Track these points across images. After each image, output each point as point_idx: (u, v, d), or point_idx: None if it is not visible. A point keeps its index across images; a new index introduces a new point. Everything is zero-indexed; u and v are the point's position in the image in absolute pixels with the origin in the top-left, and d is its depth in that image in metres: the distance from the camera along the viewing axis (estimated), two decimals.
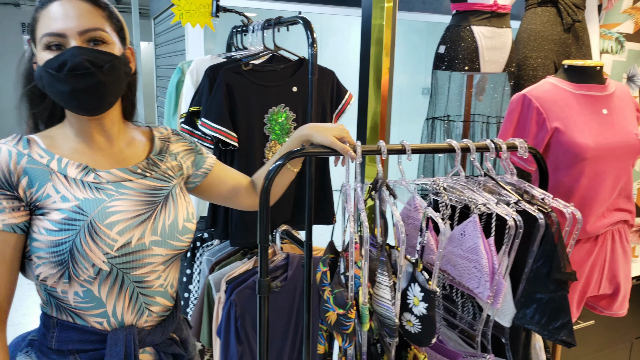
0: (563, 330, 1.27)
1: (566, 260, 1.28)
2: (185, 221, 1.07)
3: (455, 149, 1.32)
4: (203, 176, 1.21)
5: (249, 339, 1.58)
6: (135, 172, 1.04)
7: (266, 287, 1.17)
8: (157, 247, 1.01)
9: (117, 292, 0.98)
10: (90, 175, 0.97)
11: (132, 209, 0.99)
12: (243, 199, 1.26)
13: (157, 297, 1.04)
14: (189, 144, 1.21)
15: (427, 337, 1.16)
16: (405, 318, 1.18)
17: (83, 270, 0.93)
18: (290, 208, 1.70)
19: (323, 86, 1.66)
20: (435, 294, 1.13)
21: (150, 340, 1.04)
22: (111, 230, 0.94)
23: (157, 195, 1.05)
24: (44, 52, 0.93)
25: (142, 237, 0.99)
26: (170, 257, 1.05)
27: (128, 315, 1.00)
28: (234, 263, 1.67)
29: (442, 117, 2.06)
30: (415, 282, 1.16)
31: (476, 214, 1.29)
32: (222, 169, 1.26)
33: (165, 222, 1.03)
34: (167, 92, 2.01)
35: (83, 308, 0.97)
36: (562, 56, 2.07)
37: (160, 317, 1.07)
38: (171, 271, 1.07)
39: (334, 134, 1.15)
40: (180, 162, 1.16)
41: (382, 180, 1.25)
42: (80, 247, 0.91)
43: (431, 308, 1.13)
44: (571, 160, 1.55)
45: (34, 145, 0.96)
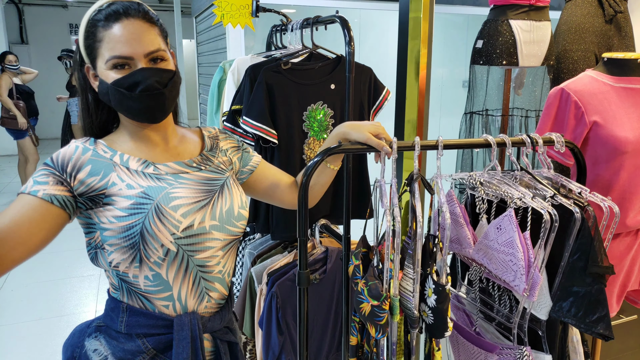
0: (600, 323, 1.27)
1: (603, 253, 1.28)
2: (240, 208, 1.16)
3: (491, 144, 1.34)
4: (249, 173, 1.30)
5: (289, 330, 1.64)
6: (191, 165, 1.14)
7: (306, 279, 1.23)
8: (216, 232, 1.10)
9: (182, 275, 1.07)
10: (150, 168, 1.08)
11: (192, 196, 1.09)
12: (286, 196, 1.34)
13: (216, 283, 1.13)
14: (236, 142, 1.30)
15: (439, 330, 1.20)
16: (422, 308, 1.22)
17: (153, 252, 1.02)
18: (329, 203, 1.75)
19: (360, 83, 1.70)
20: (444, 287, 1.16)
21: (210, 327, 1.12)
22: (176, 212, 1.04)
23: (214, 184, 1.14)
24: (111, 71, 1.03)
25: (203, 221, 1.08)
26: (228, 242, 1.13)
27: (191, 300, 1.09)
28: (275, 256, 1.74)
29: (480, 111, 2.07)
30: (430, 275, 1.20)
31: (512, 208, 1.30)
32: (267, 167, 1.34)
33: (223, 208, 1.12)
34: (210, 90, 2.09)
35: (152, 292, 1.06)
36: (604, 48, 2.03)
37: (218, 305, 1.16)
38: (229, 258, 1.16)
39: (369, 131, 1.20)
40: (230, 157, 1.25)
41: (417, 176, 1.29)
42: (150, 228, 1.01)
43: (440, 301, 1.16)
44: (610, 154, 1.54)
45: (99, 144, 1.08)
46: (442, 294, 1.15)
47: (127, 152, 1.09)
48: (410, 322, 1.22)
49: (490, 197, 1.43)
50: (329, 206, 1.75)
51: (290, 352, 1.68)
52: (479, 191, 1.43)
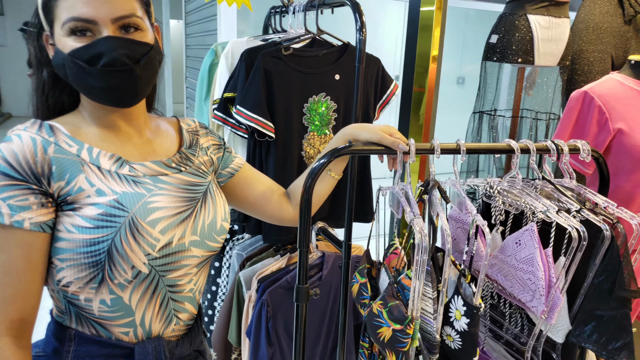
0: (624, 350, 1.17)
1: (631, 275, 1.17)
2: (223, 220, 1.00)
3: (515, 150, 1.22)
4: (228, 177, 1.12)
5: (280, 341, 1.51)
6: (170, 165, 0.96)
7: (305, 294, 1.10)
8: (195, 248, 0.94)
9: (148, 298, 0.90)
10: (125, 168, 0.89)
11: (173, 206, 0.91)
12: (274, 209, 1.16)
13: (186, 302, 0.97)
14: (217, 139, 1.13)
15: (467, 355, 1.08)
16: (445, 332, 1.09)
17: (120, 273, 0.85)
18: (327, 204, 1.61)
19: (368, 75, 1.56)
20: (479, 310, 1.04)
21: (178, 353, 0.96)
22: (154, 229, 0.87)
23: (196, 191, 0.97)
24: (68, 38, 0.83)
25: (183, 237, 0.91)
26: (205, 258, 0.98)
27: (156, 324, 0.93)
28: (266, 260, 1.60)
29: (489, 111, 1.94)
30: (459, 294, 1.07)
31: (534, 223, 1.19)
32: (251, 172, 1.16)
33: (205, 220, 0.96)
34: (199, 75, 1.93)
35: (108, 318, 0.89)
36: (621, 50, 1.92)
37: (186, 326, 1.00)
38: (202, 275, 1.00)
39: (382, 129, 1.06)
40: (211, 156, 1.08)
41: (434, 182, 1.16)
42: (121, 246, 0.83)
43: (473, 325, 1.04)
44: (634, 164, 1.43)
45: (58, 132, 0.87)
46: (475, 317, 1.03)
47: (96, 145, 0.89)
48: (429, 347, 1.10)
49: (507, 207, 1.31)
50: (327, 208, 1.62)
51: None
52: (496, 200, 1.31)
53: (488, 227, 1.38)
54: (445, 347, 1.11)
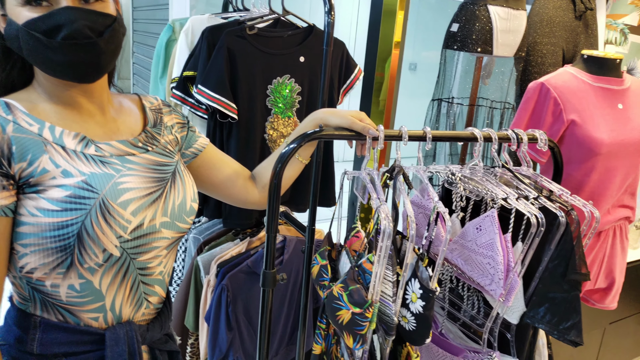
0: (573, 330, 1.23)
1: (582, 260, 1.23)
2: (192, 201, 0.97)
3: (478, 139, 1.24)
4: (192, 157, 1.08)
5: (239, 326, 1.49)
6: (137, 145, 0.92)
7: (272, 279, 1.08)
8: (166, 230, 0.91)
9: (119, 281, 0.86)
10: (91, 147, 0.84)
11: (143, 186, 0.87)
12: (239, 192, 1.13)
13: (156, 285, 0.94)
14: (181, 117, 1.08)
15: (420, 337, 1.10)
16: (401, 314, 1.11)
17: (91, 257, 0.81)
18: (289, 189, 1.59)
19: (333, 59, 1.54)
20: (435, 294, 1.06)
21: (150, 337, 0.94)
22: (125, 210, 0.83)
23: (164, 171, 0.93)
24: (23, 8, 0.77)
25: (154, 219, 0.88)
26: (175, 240, 0.95)
27: (126, 308, 0.89)
28: (225, 244, 1.57)
29: (447, 98, 1.98)
30: (416, 277, 1.09)
31: (495, 209, 1.22)
32: (215, 153, 1.12)
33: (175, 201, 0.93)
34: (155, 51, 1.85)
35: (77, 303, 0.84)
36: (571, 44, 2.00)
37: (156, 310, 0.97)
38: (171, 257, 0.97)
39: (352, 115, 1.05)
40: (175, 135, 1.03)
41: (399, 168, 1.17)
42: (92, 229, 0.79)
43: (428, 307, 1.06)
44: (585, 154, 1.50)
45: (15, 110, 0.80)
46: (430, 301, 1.05)
47: (57, 123, 0.83)
48: (387, 328, 1.11)
49: (468, 194, 1.34)
50: (288, 192, 1.60)
51: (239, 349, 1.53)
52: (457, 187, 1.34)
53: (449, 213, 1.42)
54: (400, 328, 1.13)
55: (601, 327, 2.52)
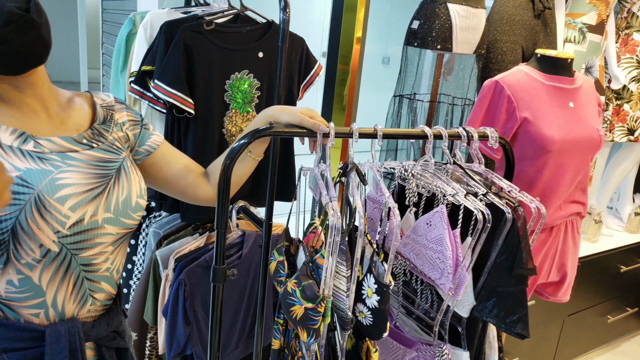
0: (519, 323, 1.27)
1: (529, 255, 1.27)
2: (138, 197, 0.97)
3: (428, 136, 1.27)
4: (145, 154, 1.08)
5: (197, 320, 1.50)
6: (81, 142, 0.91)
7: (222, 275, 1.09)
8: (109, 225, 0.91)
9: (60, 277, 0.86)
10: (30, 144, 0.84)
11: (84, 182, 0.87)
12: (192, 189, 1.13)
13: (103, 282, 0.94)
14: (135, 115, 1.08)
15: (378, 331, 1.13)
16: (358, 309, 1.14)
17: (27, 252, 0.81)
18: (249, 183, 1.60)
19: (292, 54, 1.55)
20: (389, 288, 1.09)
21: (95, 334, 0.93)
22: (63, 205, 0.83)
23: (108, 167, 0.93)
24: None
25: (95, 214, 0.88)
26: (121, 236, 0.95)
27: (70, 305, 0.89)
28: (184, 239, 1.57)
29: (408, 95, 2.00)
30: (371, 273, 1.11)
31: (444, 205, 1.25)
32: (169, 150, 1.12)
33: (119, 197, 0.93)
34: (116, 45, 1.83)
35: (17, 299, 0.84)
36: (530, 42, 2.04)
37: (104, 307, 0.97)
38: (119, 254, 0.97)
39: (302, 112, 1.07)
40: (127, 133, 1.03)
41: (352, 165, 1.19)
42: (26, 224, 0.79)
43: (384, 302, 1.09)
44: (536, 151, 1.54)
45: None
46: (385, 295, 1.07)
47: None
48: (342, 323, 1.13)
49: (420, 190, 1.37)
50: (248, 187, 1.61)
51: (197, 343, 1.54)
52: (410, 183, 1.36)
53: (403, 208, 1.44)
54: (358, 323, 1.15)
55: (560, 319, 2.59)
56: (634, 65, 2.52)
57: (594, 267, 2.58)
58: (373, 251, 1.15)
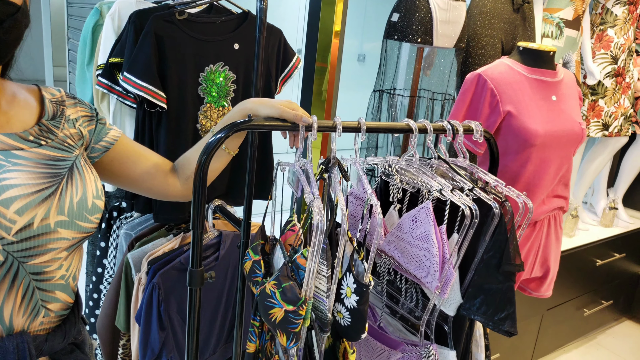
0: (507, 320, 1.24)
1: (516, 251, 1.24)
2: (95, 198, 0.89)
3: (413, 130, 1.22)
4: (103, 151, 0.99)
5: (173, 325, 1.43)
6: (27, 139, 0.83)
7: (199, 278, 1.03)
8: (63, 230, 0.82)
9: (7, 288, 0.78)
10: None
11: (32, 182, 0.79)
12: (159, 186, 1.06)
13: (57, 291, 0.86)
14: (88, 110, 0.99)
15: (356, 332, 1.08)
16: (336, 309, 1.09)
17: None
18: (225, 181, 1.53)
19: (269, 46, 1.49)
20: (368, 288, 1.04)
21: (48, 348, 0.85)
22: (8, 209, 0.75)
23: (59, 166, 0.85)
24: None
25: (47, 217, 0.80)
26: (78, 240, 0.86)
27: (18, 318, 0.81)
28: (158, 240, 1.49)
29: (388, 89, 1.96)
30: (351, 272, 1.06)
31: (430, 201, 1.21)
32: (130, 145, 1.05)
33: (73, 198, 0.84)
34: (81, 36, 1.73)
35: None
36: (510, 37, 2.03)
37: (59, 318, 0.88)
38: (74, 259, 0.88)
39: (282, 104, 1.01)
40: (80, 129, 0.94)
41: (335, 160, 1.13)
42: None
43: (362, 302, 1.04)
44: (520, 145, 1.52)
45: None
46: (364, 295, 1.02)
47: None
48: (321, 325, 1.08)
49: (405, 185, 1.33)
50: (225, 184, 1.54)
51: (173, 349, 1.47)
52: (394, 179, 1.32)
53: (387, 205, 1.40)
54: (336, 324, 1.10)
55: (539, 313, 2.59)
56: (608, 61, 2.53)
57: (571, 261, 2.59)
58: (353, 249, 1.10)
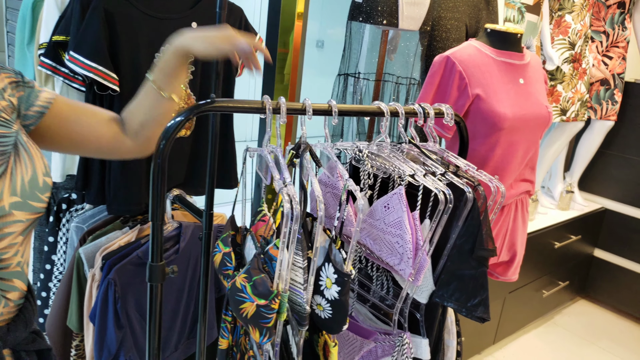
0: (480, 307, 1.22)
1: (489, 235, 1.22)
2: (45, 175, 0.80)
3: (385, 113, 1.17)
4: (38, 117, 0.88)
5: (131, 322, 1.34)
6: None
7: (160, 273, 0.95)
8: (17, 211, 0.75)
9: None
10: None
11: None
12: (110, 144, 0.96)
13: (15, 279, 0.78)
14: (13, 75, 0.86)
15: (337, 324, 1.03)
16: (315, 301, 1.03)
17: None
18: (184, 169, 1.44)
19: (229, 25, 1.40)
20: (350, 277, 0.99)
21: (12, 339, 0.78)
22: None
23: (4, 144, 0.76)
24: None
25: (1, 200, 0.72)
26: (30, 222, 0.79)
27: None
28: (112, 233, 1.39)
29: (353, 73, 1.90)
30: (330, 262, 1.01)
31: (402, 186, 1.17)
32: (68, 104, 0.92)
33: (24, 177, 0.76)
34: (20, 14, 1.59)
35: None
36: (473, 20, 2.01)
37: (17, 307, 0.81)
38: (27, 243, 0.81)
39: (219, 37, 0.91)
40: (10, 100, 0.83)
41: (306, 145, 1.07)
42: None
43: (344, 292, 1.00)
44: (489, 129, 1.50)
45: None
46: (346, 285, 0.97)
47: None
48: (299, 318, 1.02)
49: (376, 171, 1.28)
50: (183, 173, 1.45)
51: (132, 348, 1.38)
52: (365, 164, 1.27)
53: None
54: (315, 317, 1.05)
55: (502, 297, 2.62)
56: (566, 46, 2.57)
57: (532, 244, 2.63)
58: (330, 238, 1.05)
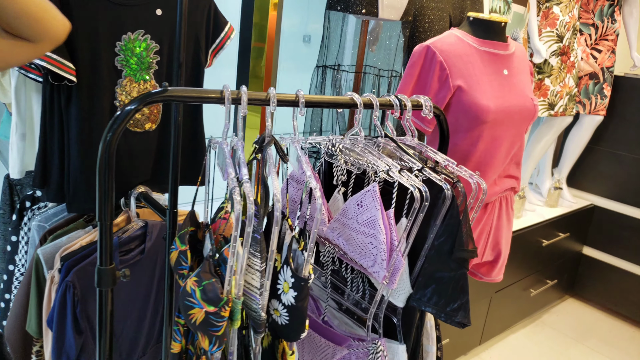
0: (460, 311, 1.15)
1: (469, 235, 1.15)
2: None
3: (358, 105, 1.10)
4: None
5: (93, 328, 1.26)
6: None
7: (110, 278, 0.88)
8: None
9: None
10: None
11: None
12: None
13: None
14: None
15: (294, 332, 0.96)
16: (272, 306, 0.96)
17: None
18: (149, 165, 1.37)
19: (197, 12, 1.32)
20: (307, 282, 0.92)
21: None
22: None
23: None
24: None
25: None
26: None
27: None
28: (74, 233, 1.31)
29: (332, 65, 1.83)
30: (288, 264, 0.94)
31: (376, 183, 1.10)
32: None
33: None
34: None
35: None
36: (458, 11, 1.94)
37: None
38: None
39: None
40: None
41: (270, 138, 1.00)
42: None
43: (301, 298, 0.92)
44: (471, 122, 1.43)
45: None
46: (303, 290, 0.90)
47: None
48: (255, 325, 0.95)
49: (349, 167, 1.21)
50: (149, 169, 1.37)
51: (94, 354, 1.30)
52: (338, 159, 1.20)
53: (332, 188, 1.28)
54: (273, 322, 0.97)
55: (488, 296, 2.57)
56: (554, 39, 2.51)
57: (519, 242, 2.58)
58: (292, 238, 0.97)
